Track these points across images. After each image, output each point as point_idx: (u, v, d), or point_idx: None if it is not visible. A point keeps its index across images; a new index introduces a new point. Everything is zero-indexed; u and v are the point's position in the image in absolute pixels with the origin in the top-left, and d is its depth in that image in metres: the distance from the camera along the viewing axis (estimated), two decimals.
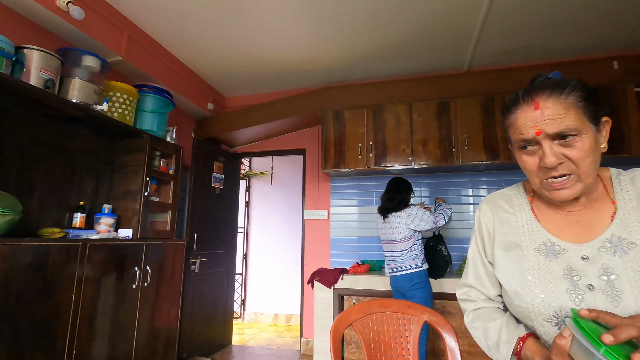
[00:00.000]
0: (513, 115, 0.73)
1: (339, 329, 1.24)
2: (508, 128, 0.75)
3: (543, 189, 0.72)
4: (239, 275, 4.99)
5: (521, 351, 0.71)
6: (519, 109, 0.71)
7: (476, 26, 2.65)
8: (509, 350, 0.74)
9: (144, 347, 2.33)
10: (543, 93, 0.69)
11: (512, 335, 0.74)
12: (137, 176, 2.48)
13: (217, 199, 3.72)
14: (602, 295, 0.66)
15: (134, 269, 2.27)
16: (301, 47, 2.97)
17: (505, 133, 0.78)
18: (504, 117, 0.77)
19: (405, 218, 2.40)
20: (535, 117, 0.68)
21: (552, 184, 0.69)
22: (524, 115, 0.70)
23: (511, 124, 0.73)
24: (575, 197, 0.72)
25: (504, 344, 0.75)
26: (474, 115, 2.98)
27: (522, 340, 0.72)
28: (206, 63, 3.26)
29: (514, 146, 0.75)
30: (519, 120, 0.71)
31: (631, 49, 2.94)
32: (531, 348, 0.70)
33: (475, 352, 2.47)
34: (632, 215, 0.70)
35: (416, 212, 2.40)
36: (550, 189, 0.70)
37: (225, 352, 3.56)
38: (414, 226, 2.37)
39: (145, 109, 2.61)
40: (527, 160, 0.72)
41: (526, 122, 0.69)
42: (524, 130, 0.69)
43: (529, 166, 0.72)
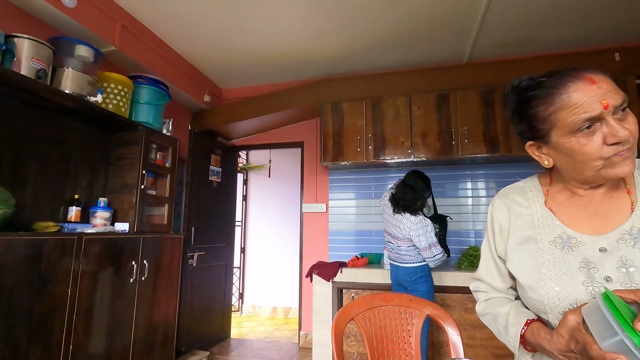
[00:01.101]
0: (563, 95, 0.65)
1: (341, 324, 1.22)
2: (549, 116, 0.67)
3: (605, 168, 0.64)
4: (237, 269, 4.97)
5: (525, 332, 0.71)
6: (572, 87, 0.64)
7: (477, 17, 2.60)
8: (517, 330, 0.73)
9: (141, 341, 2.31)
10: (586, 70, 0.65)
11: (521, 318, 0.74)
12: (133, 169, 2.44)
13: (215, 193, 3.69)
14: (620, 287, 0.64)
15: (131, 263, 2.24)
16: (299, 38, 2.92)
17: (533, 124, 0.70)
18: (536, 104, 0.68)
19: (413, 224, 2.29)
20: (596, 92, 0.62)
21: (619, 155, 0.63)
22: (583, 92, 0.63)
23: (560, 106, 0.65)
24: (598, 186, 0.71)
25: (512, 326, 0.74)
26: (474, 108, 2.96)
27: (530, 321, 0.72)
28: (202, 54, 3.20)
29: (565, 132, 0.65)
30: (578, 98, 0.63)
31: (632, 41, 2.91)
32: (537, 326, 0.70)
33: (475, 345, 2.48)
34: None
35: (425, 225, 2.28)
36: (616, 162, 0.63)
37: (223, 346, 3.56)
38: (414, 235, 2.29)
39: (140, 101, 2.56)
40: (587, 143, 0.64)
41: (589, 98, 0.62)
42: (589, 107, 0.62)
43: (592, 148, 0.63)
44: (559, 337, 0.62)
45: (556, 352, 0.63)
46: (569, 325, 0.61)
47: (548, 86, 0.67)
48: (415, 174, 2.41)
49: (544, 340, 0.66)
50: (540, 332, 0.68)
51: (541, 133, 0.70)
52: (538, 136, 0.71)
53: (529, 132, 0.73)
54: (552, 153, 0.72)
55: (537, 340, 0.68)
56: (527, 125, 0.72)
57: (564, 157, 0.70)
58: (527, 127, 0.73)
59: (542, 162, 0.75)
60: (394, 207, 2.42)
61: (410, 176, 2.41)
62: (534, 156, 0.76)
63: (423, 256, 2.30)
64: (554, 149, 0.70)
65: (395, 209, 2.40)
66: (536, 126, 0.70)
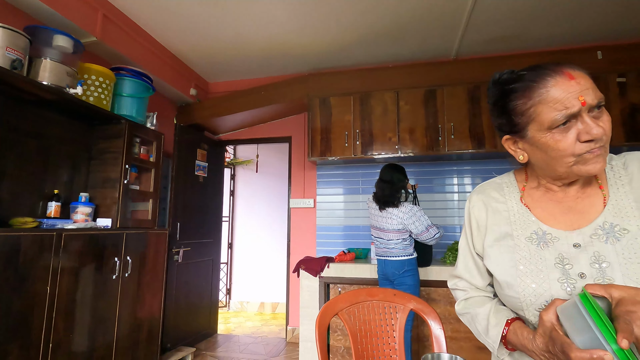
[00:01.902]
0: (542, 89, 0.64)
1: (325, 319, 1.22)
2: (527, 110, 0.67)
3: (577, 165, 0.65)
4: (224, 265, 4.94)
5: (507, 332, 0.72)
6: (550, 82, 0.64)
7: (464, 13, 2.62)
8: (497, 332, 0.73)
9: (125, 338, 2.28)
10: (566, 65, 0.64)
11: (501, 319, 0.74)
12: (116, 163, 2.38)
13: (201, 188, 3.64)
14: (593, 283, 0.65)
15: (114, 259, 2.20)
16: (287, 32, 2.89)
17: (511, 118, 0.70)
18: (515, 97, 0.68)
19: (405, 213, 2.36)
20: (575, 88, 0.62)
21: (591, 152, 0.63)
22: (561, 87, 0.63)
23: (539, 101, 0.65)
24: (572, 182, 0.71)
25: (493, 328, 0.75)
26: (461, 104, 2.98)
27: (510, 321, 0.73)
28: (188, 46, 3.14)
29: (543, 127, 0.65)
30: (557, 93, 0.63)
31: (615, 39, 2.97)
32: (518, 325, 0.70)
33: (458, 338, 2.52)
34: (624, 201, 0.69)
35: (415, 211, 2.35)
36: (588, 159, 0.64)
37: (210, 342, 3.54)
38: (409, 223, 2.34)
39: (123, 94, 2.50)
40: (561, 139, 0.64)
41: (567, 94, 0.62)
42: (567, 103, 0.62)
43: (566, 144, 0.64)
44: (540, 337, 0.63)
45: (537, 352, 0.64)
46: (546, 326, 0.62)
47: (528, 80, 0.67)
48: (389, 168, 2.47)
49: (526, 340, 0.67)
50: (523, 332, 0.68)
51: (518, 127, 0.70)
52: (515, 130, 0.71)
53: (507, 125, 0.73)
54: (527, 148, 0.72)
55: (519, 340, 0.69)
56: (505, 119, 0.72)
57: (538, 153, 0.70)
58: (505, 121, 0.73)
59: (517, 157, 0.75)
60: (379, 205, 2.46)
61: (385, 172, 2.47)
62: (510, 150, 0.76)
63: (422, 240, 2.36)
64: (529, 143, 0.70)
65: (381, 207, 2.44)
66: (514, 120, 0.70)
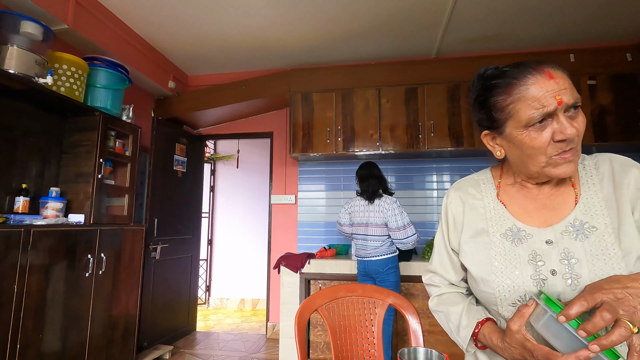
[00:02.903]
0: (522, 87, 0.65)
1: (304, 315, 1.23)
2: (507, 106, 0.68)
3: (548, 167, 0.67)
4: (204, 261, 4.87)
5: (478, 333, 0.73)
6: (531, 80, 0.65)
7: (445, 13, 2.65)
8: (467, 334, 0.75)
9: (99, 337, 2.21)
10: (547, 64, 0.66)
11: (472, 320, 0.76)
12: (90, 157, 2.30)
13: (180, 183, 3.57)
14: (562, 279, 0.67)
15: (87, 256, 2.12)
16: (269, 26, 2.85)
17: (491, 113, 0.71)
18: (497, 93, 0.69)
19: (389, 204, 2.38)
20: (553, 87, 0.63)
21: (561, 157, 0.65)
22: (540, 85, 0.64)
23: (519, 97, 0.66)
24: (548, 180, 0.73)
25: (464, 329, 0.76)
26: (441, 102, 3.03)
27: (480, 323, 0.74)
28: (167, 38, 3.05)
29: (520, 124, 0.67)
30: (535, 91, 0.64)
31: (586, 43, 3.09)
32: (488, 329, 0.72)
33: (435, 331, 2.58)
34: (594, 200, 0.71)
35: (398, 205, 2.39)
36: (559, 163, 0.66)
37: (189, 339, 3.49)
38: (391, 215, 2.36)
39: (97, 85, 2.40)
40: (537, 137, 0.65)
41: (545, 92, 0.63)
42: (545, 101, 0.63)
43: (540, 143, 0.65)
44: (511, 348, 0.64)
45: (510, 359, 0.65)
46: (516, 338, 0.62)
47: (509, 77, 0.68)
48: (368, 165, 2.53)
49: (496, 347, 0.68)
50: (493, 338, 0.69)
51: (498, 123, 0.71)
52: (494, 126, 0.72)
53: (486, 121, 0.74)
54: (504, 144, 0.73)
55: (489, 344, 0.70)
56: (485, 114, 0.73)
57: (514, 150, 0.71)
58: (485, 116, 0.74)
59: (494, 153, 0.76)
60: (367, 199, 2.47)
61: (366, 167, 2.53)
62: (488, 146, 0.77)
63: (397, 237, 2.34)
64: (507, 140, 0.72)
65: (370, 200, 2.46)
66: (494, 115, 0.71)
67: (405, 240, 2.34)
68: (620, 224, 0.67)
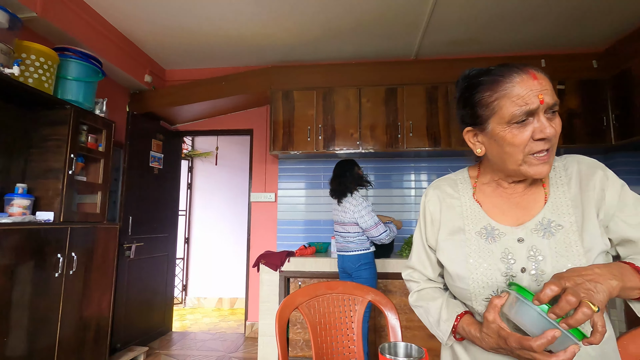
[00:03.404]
0: (508, 84, 0.68)
1: (285, 313, 1.22)
2: (492, 103, 0.70)
3: (524, 165, 0.70)
4: (180, 260, 4.77)
5: (457, 325, 0.76)
6: (516, 78, 0.67)
7: (424, 15, 2.70)
8: (448, 327, 0.78)
9: (69, 339, 2.13)
10: (532, 66, 0.69)
11: (451, 314, 0.79)
12: (60, 152, 2.20)
13: (156, 180, 3.47)
14: (528, 275, 0.71)
15: (57, 255, 2.04)
16: (251, 22, 2.81)
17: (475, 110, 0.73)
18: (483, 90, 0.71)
19: (355, 206, 2.41)
20: (536, 87, 0.66)
21: (537, 157, 0.69)
22: (526, 84, 0.67)
23: (504, 94, 0.68)
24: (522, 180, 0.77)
25: (444, 322, 0.79)
26: (419, 103, 3.09)
27: (459, 316, 0.77)
28: (144, 30, 2.95)
29: (503, 120, 0.69)
30: (520, 89, 0.67)
31: (556, 49, 3.22)
32: (466, 322, 0.75)
33: (413, 327, 2.64)
34: (562, 199, 0.75)
35: (365, 206, 2.40)
36: (534, 163, 0.69)
37: (164, 340, 3.41)
38: (358, 217, 2.39)
39: (68, 77, 2.30)
40: (517, 134, 0.68)
41: (529, 91, 0.66)
42: (528, 99, 0.66)
43: (520, 140, 0.68)
44: (488, 337, 0.67)
45: (488, 348, 0.69)
46: (492, 328, 0.65)
47: (496, 74, 0.71)
48: (339, 163, 2.59)
49: (475, 338, 0.71)
50: (471, 330, 0.72)
51: (481, 119, 0.73)
52: (478, 122, 0.74)
53: (470, 117, 0.76)
54: (485, 141, 0.76)
55: (468, 336, 0.74)
56: (469, 111, 0.75)
57: (495, 147, 0.73)
58: (469, 113, 0.76)
59: (474, 150, 0.78)
60: (336, 198, 2.54)
61: (336, 167, 2.58)
62: (469, 143, 0.79)
63: (370, 236, 2.40)
64: (488, 137, 0.74)
65: (338, 200, 2.51)
66: (478, 111, 0.73)
67: (378, 238, 2.39)
68: (584, 223, 0.71)
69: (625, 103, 2.73)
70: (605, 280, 0.59)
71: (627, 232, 0.71)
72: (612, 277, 0.60)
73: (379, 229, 2.38)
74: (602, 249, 0.70)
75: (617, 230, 0.72)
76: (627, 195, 0.73)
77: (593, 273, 0.60)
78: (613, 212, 0.72)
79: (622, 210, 0.72)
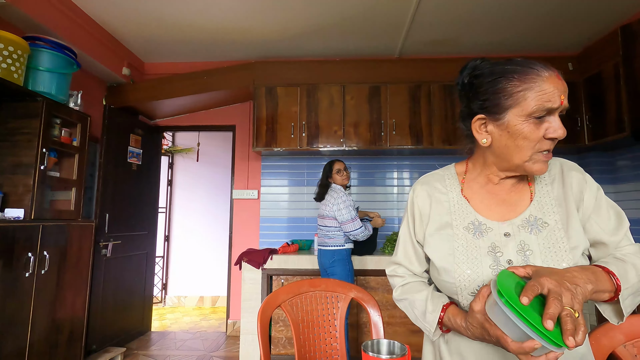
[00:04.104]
0: (537, 78, 0.68)
1: (267, 311, 1.21)
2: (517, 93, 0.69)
3: (530, 162, 0.72)
4: (160, 258, 4.66)
5: (444, 316, 0.77)
6: (545, 74, 0.69)
7: (408, 14, 2.72)
8: (434, 318, 0.78)
9: (41, 342, 2.04)
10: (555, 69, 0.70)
11: (437, 305, 0.79)
12: (30, 147, 2.10)
13: (134, 176, 3.37)
14: None
15: (27, 254, 1.95)
16: (234, 15, 2.76)
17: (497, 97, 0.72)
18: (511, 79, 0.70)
19: (335, 199, 2.48)
20: (560, 87, 0.68)
21: (544, 155, 0.71)
22: (552, 82, 0.68)
23: (531, 87, 0.68)
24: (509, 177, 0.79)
25: (430, 314, 0.80)
26: (403, 102, 3.12)
27: (445, 307, 0.78)
28: (122, 21, 2.85)
29: (523, 113, 0.69)
30: (546, 86, 0.68)
31: (535, 52, 3.32)
32: (452, 312, 0.76)
33: (394, 323, 2.68)
34: (546, 199, 0.78)
35: (344, 200, 2.45)
36: (539, 160, 0.71)
37: (143, 340, 3.33)
38: (336, 210, 2.45)
39: (39, 67, 2.19)
40: (534, 130, 0.69)
41: (554, 89, 0.68)
42: (552, 97, 0.68)
43: (535, 136, 0.69)
44: (473, 327, 0.68)
45: (472, 337, 0.70)
46: (477, 318, 0.66)
47: (527, 66, 0.71)
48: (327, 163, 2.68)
49: (460, 327, 0.72)
50: (457, 319, 0.73)
51: (500, 108, 0.72)
52: (494, 111, 0.73)
53: (484, 105, 0.74)
54: (496, 132, 0.74)
55: (454, 326, 0.74)
56: (486, 99, 0.74)
57: (506, 138, 0.72)
58: (484, 100, 0.74)
59: (480, 140, 0.77)
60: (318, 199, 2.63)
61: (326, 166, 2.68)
62: (476, 132, 0.77)
63: (345, 231, 2.44)
64: (501, 127, 0.72)
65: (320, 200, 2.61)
66: (499, 100, 0.72)
67: (352, 233, 2.43)
68: (568, 221, 0.74)
69: (598, 105, 2.84)
70: (584, 284, 0.62)
71: (600, 234, 0.75)
72: (588, 282, 0.63)
73: (354, 224, 2.41)
74: (585, 246, 0.73)
75: (592, 231, 0.75)
76: (602, 199, 0.77)
77: (572, 276, 0.62)
78: (589, 213, 0.76)
79: (598, 214, 0.76)
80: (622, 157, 3.04)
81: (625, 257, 0.72)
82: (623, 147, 2.96)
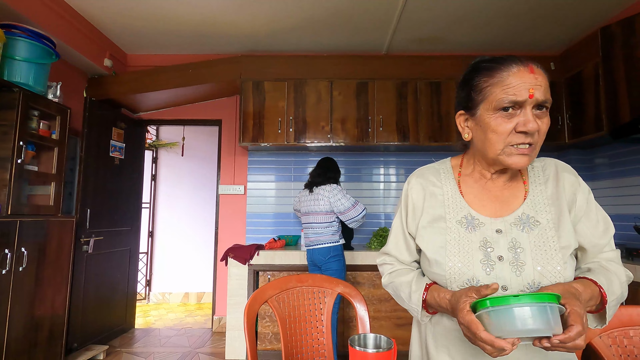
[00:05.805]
0: (504, 73, 0.70)
1: (254, 307, 1.21)
2: (485, 88, 0.72)
3: (503, 155, 0.73)
4: (144, 254, 4.58)
5: (426, 296, 0.78)
6: (514, 68, 0.70)
7: (395, 12, 2.73)
8: (419, 297, 0.80)
9: (19, 341, 1.98)
10: (534, 61, 0.71)
11: (420, 285, 0.81)
12: (7, 140, 2.02)
13: (117, 171, 3.29)
14: (509, 265, 0.74)
15: (4, 251, 1.88)
16: (222, 8, 2.71)
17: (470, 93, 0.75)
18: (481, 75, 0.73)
19: (329, 192, 2.46)
20: (531, 81, 0.68)
21: (517, 149, 0.71)
22: (520, 75, 0.69)
23: (498, 82, 0.71)
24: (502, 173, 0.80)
25: (414, 293, 0.81)
26: (390, 98, 3.13)
27: (428, 285, 0.80)
28: (103, 11, 2.76)
29: (491, 107, 0.72)
30: (513, 80, 0.69)
31: (518, 51, 3.38)
32: (436, 288, 0.78)
33: (379, 317, 2.71)
34: (539, 198, 0.80)
35: (340, 190, 2.47)
36: (513, 153, 0.71)
37: (126, 337, 3.27)
38: (334, 201, 2.43)
39: (16, 57, 2.11)
40: (501, 124, 0.71)
41: (521, 83, 0.68)
42: (518, 91, 0.68)
43: (503, 129, 0.71)
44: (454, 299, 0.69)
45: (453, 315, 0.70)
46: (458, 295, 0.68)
47: (496, 62, 0.73)
48: (326, 159, 2.66)
49: (443, 300, 0.73)
50: (440, 293, 0.75)
51: (473, 103, 0.76)
52: (469, 106, 0.77)
53: (464, 100, 0.78)
54: (473, 127, 0.78)
55: (437, 301, 0.75)
56: (466, 93, 0.77)
57: (480, 133, 0.76)
58: (465, 95, 0.78)
59: (463, 134, 0.81)
60: (309, 189, 2.57)
61: (323, 160, 2.66)
62: (459, 127, 0.81)
63: (350, 217, 2.44)
64: (476, 122, 0.76)
65: (311, 190, 2.55)
66: (472, 95, 0.75)
67: (357, 217, 2.44)
68: (559, 221, 0.76)
69: (578, 104, 2.92)
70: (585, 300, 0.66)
71: (587, 237, 0.77)
72: (590, 297, 0.68)
73: (357, 208, 2.44)
74: (575, 246, 0.75)
75: (581, 233, 0.78)
76: (592, 203, 0.79)
77: (577, 292, 0.66)
78: (581, 215, 0.78)
79: (588, 217, 0.78)
80: (600, 155, 3.14)
81: (609, 266, 0.76)
82: (601, 145, 3.05)
